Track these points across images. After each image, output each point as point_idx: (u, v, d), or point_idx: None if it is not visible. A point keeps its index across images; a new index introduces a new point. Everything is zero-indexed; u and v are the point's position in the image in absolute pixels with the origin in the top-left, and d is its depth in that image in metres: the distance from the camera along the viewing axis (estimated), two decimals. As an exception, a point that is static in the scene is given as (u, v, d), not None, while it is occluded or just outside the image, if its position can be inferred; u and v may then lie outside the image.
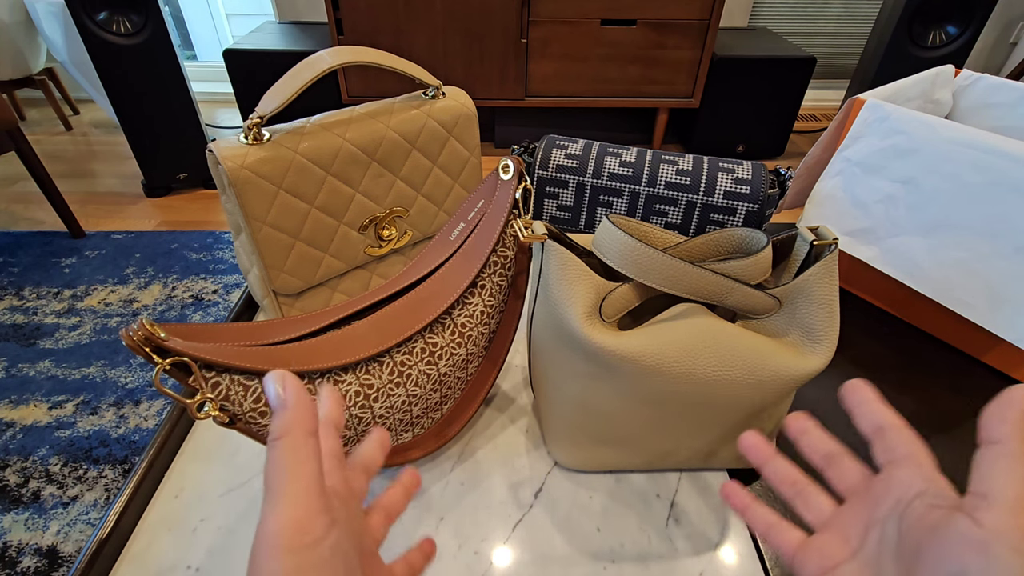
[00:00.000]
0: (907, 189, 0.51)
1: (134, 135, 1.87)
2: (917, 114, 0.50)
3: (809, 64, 2.01)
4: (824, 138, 0.60)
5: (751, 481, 0.43)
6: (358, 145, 0.50)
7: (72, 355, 1.37)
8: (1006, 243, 0.46)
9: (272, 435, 0.20)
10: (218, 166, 0.44)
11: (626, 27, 1.92)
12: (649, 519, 0.40)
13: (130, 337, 0.27)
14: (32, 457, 1.14)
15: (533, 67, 2.00)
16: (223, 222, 1.89)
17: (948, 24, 1.87)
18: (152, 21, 1.75)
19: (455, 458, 0.44)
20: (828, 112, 2.70)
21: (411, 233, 0.58)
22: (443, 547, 0.38)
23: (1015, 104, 0.60)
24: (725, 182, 0.53)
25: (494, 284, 0.42)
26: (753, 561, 0.38)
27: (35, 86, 2.35)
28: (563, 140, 0.57)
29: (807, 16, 2.55)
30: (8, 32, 2.13)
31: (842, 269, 0.63)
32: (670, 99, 2.09)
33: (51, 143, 2.38)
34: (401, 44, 1.93)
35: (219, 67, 2.77)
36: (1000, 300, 0.47)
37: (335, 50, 0.48)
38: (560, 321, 0.36)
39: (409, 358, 0.38)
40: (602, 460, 0.42)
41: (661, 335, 0.35)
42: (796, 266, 0.38)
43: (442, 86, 0.56)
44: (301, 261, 0.51)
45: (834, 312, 0.36)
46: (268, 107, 0.45)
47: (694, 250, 0.39)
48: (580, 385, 0.38)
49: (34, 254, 1.71)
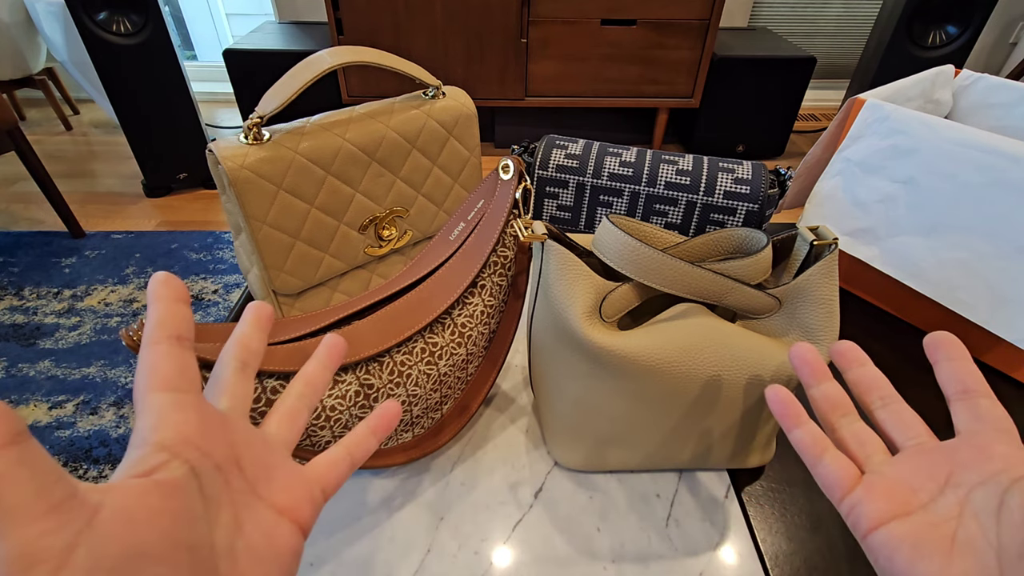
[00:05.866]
0: (907, 189, 0.51)
1: (134, 135, 1.87)
2: (917, 114, 0.50)
3: (809, 64, 2.01)
4: (824, 138, 0.60)
5: (751, 481, 0.43)
6: (358, 145, 0.50)
7: (72, 355, 1.37)
8: (1006, 243, 0.46)
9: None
10: (218, 166, 0.44)
11: (626, 27, 1.92)
12: (649, 519, 0.40)
13: (130, 337, 0.27)
14: (32, 457, 1.13)
15: (533, 67, 2.00)
16: (223, 222, 1.89)
17: (948, 24, 1.88)
18: (152, 21, 1.75)
19: (455, 458, 0.44)
20: (828, 112, 2.70)
21: (411, 233, 0.58)
22: (443, 547, 0.38)
23: (1015, 104, 0.60)
24: (725, 182, 0.53)
25: (494, 284, 0.42)
26: (753, 561, 0.38)
27: (35, 86, 2.35)
28: (563, 140, 0.57)
29: (807, 16, 2.55)
30: (8, 32, 2.13)
31: (842, 269, 0.63)
32: (670, 99, 2.09)
33: (51, 143, 2.38)
34: (401, 44, 1.93)
35: (219, 67, 2.77)
36: (1000, 300, 0.47)
37: (335, 50, 0.48)
38: (560, 321, 0.36)
39: (409, 358, 0.38)
40: (602, 460, 0.42)
41: (661, 335, 0.35)
42: (796, 266, 0.38)
43: (442, 86, 0.56)
44: (301, 261, 0.51)
45: (834, 312, 0.36)
46: (268, 107, 0.45)
47: (694, 250, 0.39)
48: (580, 385, 0.38)
49: (34, 254, 1.71)
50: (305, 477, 0.23)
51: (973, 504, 0.20)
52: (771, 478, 0.43)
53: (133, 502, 0.16)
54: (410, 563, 0.37)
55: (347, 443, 0.25)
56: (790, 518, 0.41)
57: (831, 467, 0.23)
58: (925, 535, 0.20)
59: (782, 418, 0.25)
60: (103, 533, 0.15)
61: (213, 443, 0.19)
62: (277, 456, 0.22)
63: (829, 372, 0.25)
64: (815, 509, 0.41)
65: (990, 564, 0.19)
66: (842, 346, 0.26)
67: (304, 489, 0.22)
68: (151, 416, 0.18)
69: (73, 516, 0.14)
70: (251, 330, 0.24)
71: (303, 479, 0.22)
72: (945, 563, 0.19)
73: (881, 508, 0.21)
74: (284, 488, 0.21)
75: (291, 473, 0.22)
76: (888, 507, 0.21)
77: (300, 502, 0.22)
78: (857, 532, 0.22)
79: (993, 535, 0.19)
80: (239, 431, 0.21)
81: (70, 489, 0.15)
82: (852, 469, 0.23)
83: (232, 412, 0.22)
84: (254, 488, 0.21)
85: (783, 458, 0.45)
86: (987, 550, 0.19)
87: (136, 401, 0.19)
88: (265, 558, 0.19)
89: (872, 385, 0.25)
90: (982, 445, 0.22)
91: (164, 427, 0.18)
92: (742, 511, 0.41)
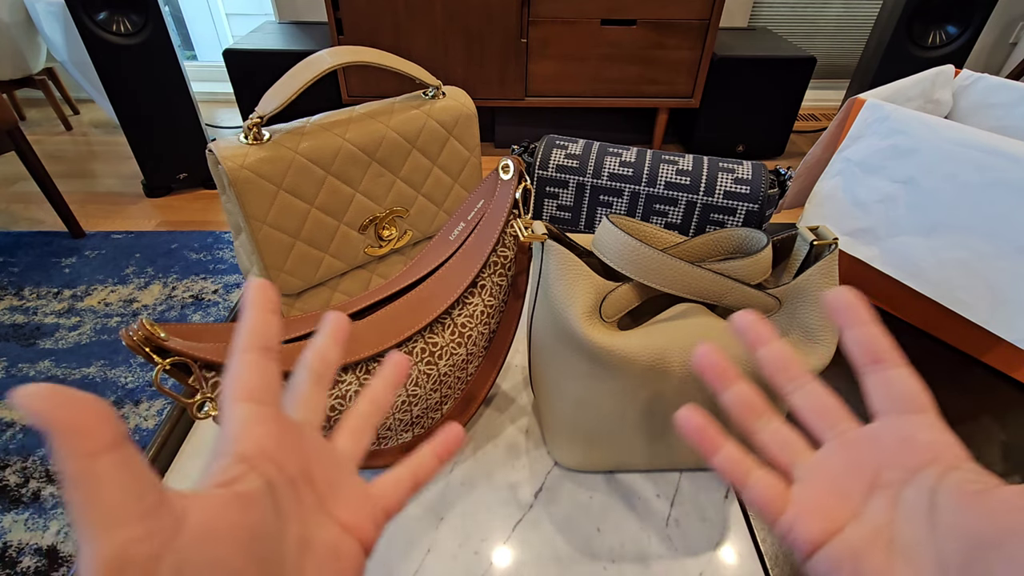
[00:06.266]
0: (907, 189, 0.51)
1: (134, 135, 1.87)
2: (917, 114, 0.50)
3: (809, 64, 2.01)
4: (824, 138, 0.60)
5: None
6: (358, 145, 0.50)
7: (72, 355, 1.37)
8: (1006, 243, 0.46)
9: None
10: (218, 166, 0.44)
11: (626, 27, 1.92)
12: (649, 519, 0.40)
13: (130, 337, 0.27)
14: (32, 457, 1.13)
15: (533, 67, 2.00)
16: (223, 222, 1.89)
17: (948, 24, 1.87)
18: (152, 21, 1.75)
19: (455, 458, 0.44)
20: (828, 112, 2.70)
21: (411, 233, 0.58)
22: (443, 547, 0.38)
23: (1015, 104, 0.60)
24: (725, 182, 0.53)
25: (494, 284, 0.42)
26: (753, 561, 0.38)
27: (35, 86, 2.35)
28: (563, 140, 0.57)
29: (807, 16, 2.55)
30: (8, 32, 2.13)
31: (842, 269, 0.63)
32: (670, 99, 2.09)
33: (51, 143, 2.38)
34: (401, 44, 1.93)
35: (219, 67, 2.77)
36: (1000, 300, 0.47)
37: (335, 50, 0.48)
38: (560, 321, 0.36)
39: (409, 358, 0.38)
40: (602, 460, 0.42)
41: (661, 335, 0.35)
42: (796, 266, 0.38)
43: (442, 86, 0.56)
44: (301, 261, 0.51)
45: (834, 312, 0.36)
46: (268, 107, 0.45)
47: (694, 250, 0.39)
48: (580, 385, 0.38)
49: (34, 254, 1.71)
50: (370, 496, 0.22)
51: (904, 507, 0.19)
52: (771, 478, 0.43)
53: (214, 514, 0.16)
54: (410, 563, 0.37)
55: (412, 465, 0.25)
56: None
57: (757, 488, 0.22)
58: (864, 551, 0.19)
59: (700, 445, 0.23)
60: (187, 545, 0.15)
61: (289, 457, 0.20)
62: (345, 472, 0.22)
63: (737, 373, 0.24)
64: (815, 509, 0.41)
65: (933, 573, 0.18)
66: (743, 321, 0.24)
67: (369, 508, 0.22)
68: (234, 427, 0.19)
69: (162, 524, 0.15)
70: (328, 342, 0.24)
71: (368, 497, 0.22)
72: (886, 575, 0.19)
73: (815, 528, 0.20)
74: (350, 505, 0.21)
75: (357, 490, 0.22)
76: (821, 525, 0.20)
77: (364, 520, 0.21)
78: (798, 558, 0.21)
79: (929, 542, 0.18)
80: (312, 445, 0.21)
81: (160, 495, 0.15)
82: (779, 487, 0.22)
83: (307, 425, 0.22)
84: (323, 504, 0.21)
85: (783, 458, 0.45)
86: (926, 557, 0.18)
87: (221, 408, 0.19)
88: (330, 574, 0.19)
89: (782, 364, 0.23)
90: (904, 434, 0.20)
91: (246, 439, 0.19)
92: (742, 511, 0.41)
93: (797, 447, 0.22)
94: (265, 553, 0.17)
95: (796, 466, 0.22)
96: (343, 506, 0.21)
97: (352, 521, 0.21)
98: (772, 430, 0.23)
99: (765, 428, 0.23)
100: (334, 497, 0.21)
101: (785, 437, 0.23)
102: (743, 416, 0.23)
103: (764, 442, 0.23)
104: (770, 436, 0.23)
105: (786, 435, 0.23)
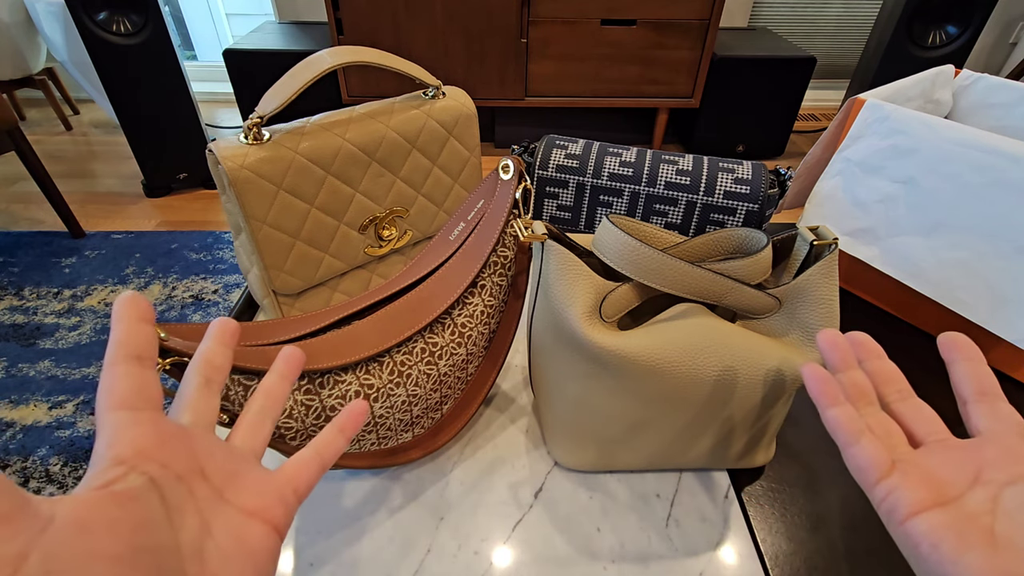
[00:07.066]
0: (907, 189, 0.51)
1: (134, 135, 1.87)
2: (917, 114, 0.50)
3: (809, 64, 2.01)
4: (824, 138, 0.60)
5: (751, 481, 0.43)
6: (358, 145, 0.50)
7: (72, 355, 1.37)
8: (1006, 243, 0.46)
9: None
10: (218, 166, 0.44)
11: (626, 27, 1.92)
12: (649, 519, 0.40)
13: (130, 337, 0.27)
14: (32, 457, 1.14)
15: (533, 67, 2.00)
16: (223, 222, 1.89)
17: (948, 24, 1.88)
18: (152, 21, 1.75)
19: (455, 458, 0.44)
20: (828, 112, 2.70)
21: (411, 233, 0.58)
22: (443, 547, 0.38)
23: (1015, 104, 0.60)
24: (725, 182, 0.53)
25: (494, 284, 0.42)
26: (753, 561, 0.38)
27: (35, 86, 2.35)
28: (563, 140, 0.57)
29: (807, 16, 2.55)
30: (8, 32, 2.13)
31: (842, 269, 0.63)
32: (670, 99, 2.09)
33: (51, 143, 2.38)
34: (401, 44, 1.93)
35: (219, 67, 2.77)
36: (1000, 300, 0.47)
37: (335, 50, 0.48)
38: (560, 321, 0.36)
39: (409, 358, 0.38)
40: (602, 460, 0.42)
41: (661, 335, 0.35)
42: (796, 266, 0.38)
43: (442, 86, 0.56)
44: (301, 261, 0.51)
45: (834, 312, 0.36)
46: (268, 107, 0.45)
47: (694, 250, 0.39)
48: (580, 385, 0.38)
49: (34, 254, 1.71)
50: (275, 480, 0.24)
51: (1005, 502, 0.21)
52: (771, 478, 0.43)
53: (87, 511, 0.17)
54: (410, 563, 0.37)
55: (316, 444, 0.26)
56: (790, 518, 0.41)
57: (867, 450, 0.23)
58: (967, 526, 0.20)
59: (818, 396, 0.25)
60: (55, 540, 0.16)
61: (173, 455, 0.20)
62: (244, 464, 0.23)
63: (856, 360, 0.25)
64: (815, 509, 0.41)
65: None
66: (860, 336, 0.26)
67: (274, 491, 0.23)
68: (108, 433, 0.19)
69: (25, 525, 0.15)
70: (215, 346, 0.25)
71: (273, 482, 0.23)
72: (991, 555, 0.20)
73: (920, 496, 0.21)
74: (253, 492, 0.22)
75: (259, 478, 0.23)
76: (927, 495, 0.21)
77: (271, 504, 0.23)
78: (893, 517, 0.22)
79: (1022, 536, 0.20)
80: (202, 443, 0.22)
81: (21, 501, 0.16)
82: (886, 455, 0.23)
83: (195, 426, 0.23)
84: (221, 494, 0.22)
85: (783, 458, 0.45)
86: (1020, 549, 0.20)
87: (95, 421, 0.20)
88: (236, 557, 0.20)
89: (890, 378, 0.25)
90: (1009, 446, 0.22)
91: (119, 443, 0.19)
92: (742, 511, 0.41)
93: (900, 437, 0.24)
94: (154, 542, 0.18)
95: (896, 451, 0.23)
96: (245, 494, 0.22)
97: (257, 506, 0.22)
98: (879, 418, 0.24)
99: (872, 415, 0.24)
100: (234, 487, 0.22)
101: (890, 427, 0.24)
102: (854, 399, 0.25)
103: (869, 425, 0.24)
104: (875, 422, 0.24)
105: (891, 425, 0.24)
